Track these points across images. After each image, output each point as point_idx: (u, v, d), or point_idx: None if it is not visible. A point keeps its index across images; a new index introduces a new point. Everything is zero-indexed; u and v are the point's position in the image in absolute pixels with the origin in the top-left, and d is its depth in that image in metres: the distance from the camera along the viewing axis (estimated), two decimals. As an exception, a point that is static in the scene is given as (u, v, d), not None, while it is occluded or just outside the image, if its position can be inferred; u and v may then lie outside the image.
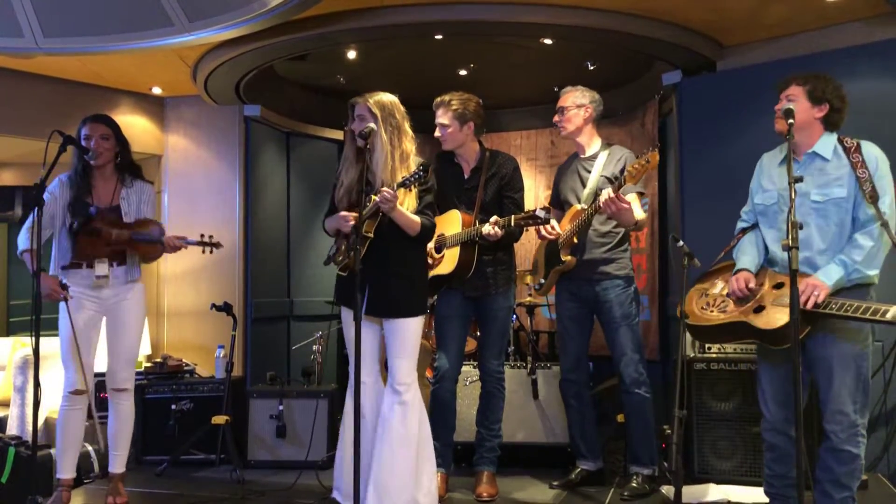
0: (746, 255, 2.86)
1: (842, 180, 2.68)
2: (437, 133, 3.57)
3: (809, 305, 2.54)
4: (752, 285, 2.77)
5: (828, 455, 2.69)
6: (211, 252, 3.74)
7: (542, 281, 3.75)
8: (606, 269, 3.57)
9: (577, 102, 3.64)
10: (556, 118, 3.69)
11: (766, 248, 2.87)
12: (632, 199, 3.45)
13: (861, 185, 2.63)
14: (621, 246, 3.62)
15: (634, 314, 3.59)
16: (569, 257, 3.56)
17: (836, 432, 2.66)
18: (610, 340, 3.61)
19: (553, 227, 3.55)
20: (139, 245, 3.46)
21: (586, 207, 3.48)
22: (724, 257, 3.00)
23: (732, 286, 2.80)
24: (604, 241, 3.59)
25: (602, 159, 3.61)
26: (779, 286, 2.73)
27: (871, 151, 2.69)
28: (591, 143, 3.69)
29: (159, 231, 3.48)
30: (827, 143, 2.74)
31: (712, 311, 2.85)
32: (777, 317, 2.62)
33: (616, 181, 3.36)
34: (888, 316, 2.40)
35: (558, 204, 3.79)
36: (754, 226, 2.93)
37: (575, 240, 3.55)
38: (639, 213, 3.49)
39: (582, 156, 3.71)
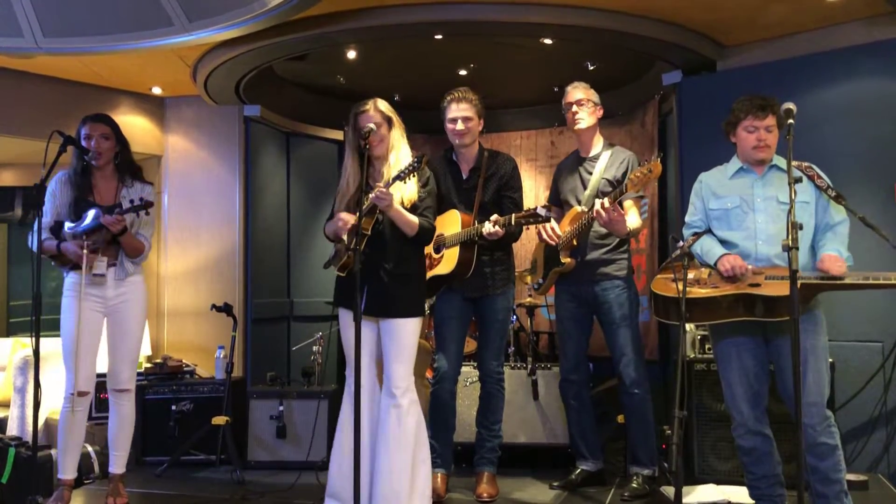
0: (717, 247, 2.92)
1: (803, 188, 2.80)
2: (459, 127, 3.50)
3: (840, 272, 2.66)
4: (750, 266, 2.83)
5: (808, 454, 2.70)
6: (147, 214, 3.42)
7: (541, 281, 3.75)
8: (606, 270, 3.57)
9: (594, 100, 3.64)
10: (574, 110, 3.60)
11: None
12: (628, 205, 3.47)
13: (825, 192, 2.83)
14: (621, 247, 3.62)
15: (634, 315, 3.59)
16: (568, 259, 3.56)
17: (812, 426, 2.69)
18: (610, 341, 3.61)
19: (554, 230, 3.55)
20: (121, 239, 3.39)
21: (586, 210, 3.47)
22: (680, 257, 3.01)
23: (732, 263, 2.81)
24: (604, 243, 3.59)
25: (604, 160, 3.60)
26: (757, 272, 2.81)
27: (819, 170, 2.88)
28: (596, 142, 3.68)
29: (96, 214, 3.31)
30: (781, 160, 2.88)
31: (704, 288, 2.87)
32: (779, 287, 2.69)
33: (615, 189, 3.35)
34: None
35: (558, 202, 3.79)
36: (704, 232, 3.01)
37: (575, 242, 3.55)
38: (633, 222, 3.48)
39: (584, 155, 3.70)
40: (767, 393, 2.91)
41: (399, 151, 3.11)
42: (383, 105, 3.12)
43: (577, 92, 3.63)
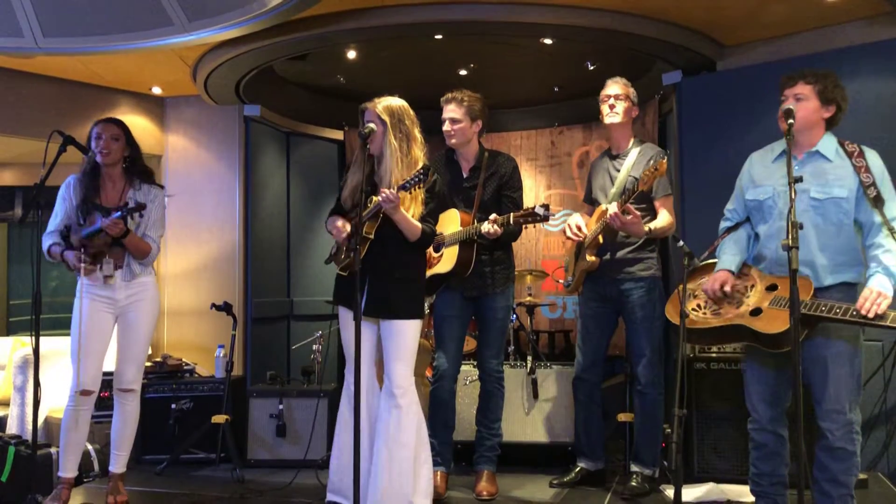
0: (727, 255, 2.87)
1: (843, 181, 2.68)
2: (445, 127, 3.53)
3: (872, 314, 2.47)
4: (727, 288, 2.79)
5: (824, 454, 2.68)
6: (141, 216, 3.46)
7: (570, 279, 3.74)
8: (631, 270, 3.54)
9: (633, 98, 3.61)
10: (611, 103, 3.56)
11: (748, 247, 2.89)
12: (658, 204, 3.50)
13: (865, 189, 2.64)
14: (648, 246, 3.58)
15: (657, 316, 3.52)
16: (592, 258, 3.52)
17: (831, 430, 2.66)
18: (630, 340, 3.61)
19: (579, 227, 3.55)
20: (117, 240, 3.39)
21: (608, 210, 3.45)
22: (709, 256, 3.00)
23: (706, 286, 2.81)
24: (629, 241, 3.56)
25: (632, 157, 3.58)
26: (772, 288, 2.73)
27: (875, 159, 2.71)
28: (627, 140, 3.66)
29: (100, 219, 3.33)
30: (829, 144, 2.75)
31: (705, 314, 2.84)
32: (776, 320, 2.61)
33: (625, 193, 3.35)
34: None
35: (590, 200, 3.79)
36: (737, 225, 2.94)
37: (601, 240, 3.52)
38: (659, 222, 3.46)
39: (615, 153, 3.68)
40: (789, 395, 2.81)
41: (396, 155, 3.03)
42: (381, 106, 3.06)
43: (617, 87, 3.59)
